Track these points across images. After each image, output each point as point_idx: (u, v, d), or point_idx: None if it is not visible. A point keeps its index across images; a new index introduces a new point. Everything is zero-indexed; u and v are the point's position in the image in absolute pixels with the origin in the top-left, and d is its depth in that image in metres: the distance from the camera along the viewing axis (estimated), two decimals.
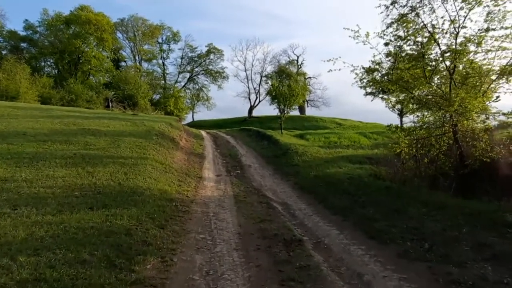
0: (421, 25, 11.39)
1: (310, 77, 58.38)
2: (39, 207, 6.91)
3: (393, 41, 10.92)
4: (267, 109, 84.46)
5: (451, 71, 11.46)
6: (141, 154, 13.63)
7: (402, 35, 10.76)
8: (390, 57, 12.22)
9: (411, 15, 11.17)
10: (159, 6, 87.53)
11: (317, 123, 44.74)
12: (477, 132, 11.05)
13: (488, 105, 10.40)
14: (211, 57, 60.76)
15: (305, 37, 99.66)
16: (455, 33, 11.25)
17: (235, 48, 67.95)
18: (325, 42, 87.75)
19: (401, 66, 11.41)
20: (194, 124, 51.16)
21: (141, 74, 52.43)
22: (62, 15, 47.14)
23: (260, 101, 57.93)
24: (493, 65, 11.50)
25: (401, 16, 11.07)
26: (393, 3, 11.19)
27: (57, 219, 6.23)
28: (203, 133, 29.84)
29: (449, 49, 10.53)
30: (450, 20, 11.19)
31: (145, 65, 58.33)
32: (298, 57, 58.75)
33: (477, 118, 10.68)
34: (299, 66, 58.99)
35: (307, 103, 57.88)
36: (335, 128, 41.11)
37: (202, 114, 67.16)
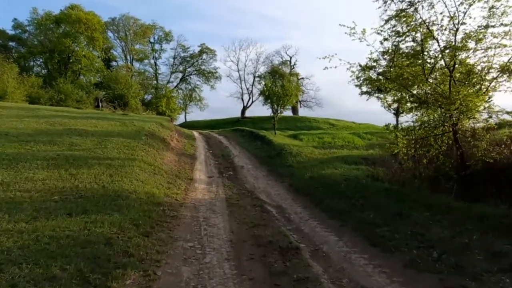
0: (419, 21, 11.01)
1: (303, 78, 58.02)
2: (12, 213, 6.32)
3: (392, 37, 10.50)
4: (260, 110, 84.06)
5: (451, 68, 11.08)
6: (129, 155, 13.04)
7: (401, 30, 10.32)
8: (386, 55, 11.82)
9: (409, 10, 10.76)
10: (151, 7, 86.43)
11: (310, 124, 44.35)
12: (478, 131, 10.66)
13: (491, 104, 10.01)
14: (204, 57, 59.98)
15: (297, 38, 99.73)
16: (454, 29, 10.88)
17: (228, 48, 67.39)
18: (317, 43, 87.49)
19: (399, 63, 10.97)
20: (186, 124, 50.42)
21: (133, 73, 51.57)
22: (52, 14, 46.15)
23: (253, 102, 57.40)
24: (493, 63, 11.17)
25: (399, 11, 10.64)
26: None
27: (30, 227, 5.65)
28: (195, 133, 29.24)
29: (449, 46, 10.11)
30: (449, 16, 10.81)
31: (136, 65, 57.39)
32: (291, 57, 58.31)
33: (480, 117, 10.28)
34: (292, 66, 58.56)
35: (300, 103, 57.47)
36: (328, 128, 40.74)
37: (194, 114, 66.39)
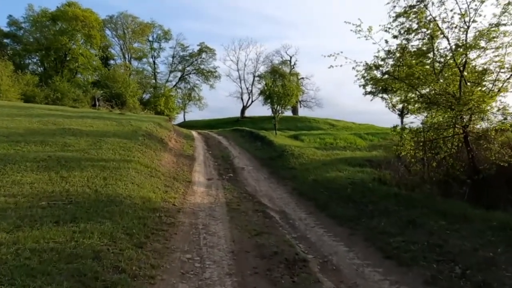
0: (429, 18, 10.52)
1: (303, 78, 57.52)
2: None
3: (402, 34, 10.00)
4: (260, 110, 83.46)
5: (461, 68, 10.59)
6: (125, 156, 12.49)
7: (413, 26, 9.81)
8: (391, 54, 11.32)
9: (419, 6, 10.27)
10: (150, 5, 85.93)
11: (310, 124, 43.94)
12: (490, 133, 10.17)
13: (506, 105, 9.53)
14: (203, 56, 59.38)
15: (296, 38, 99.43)
16: (465, 27, 10.40)
17: (227, 47, 66.79)
18: (316, 44, 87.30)
19: (408, 62, 10.47)
20: (185, 124, 49.85)
21: (131, 72, 50.95)
22: (48, 11, 45.46)
23: (252, 101, 56.85)
24: (504, 62, 10.70)
25: (409, 7, 10.14)
26: None
27: (10, 238, 5.11)
28: (194, 133, 28.69)
29: (462, 44, 9.61)
30: (460, 13, 10.33)
31: (135, 63, 56.74)
32: (291, 57, 57.80)
33: (494, 118, 9.80)
34: (292, 66, 58.05)
35: (300, 103, 57.02)
36: (328, 129, 40.34)
37: (193, 114, 65.64)
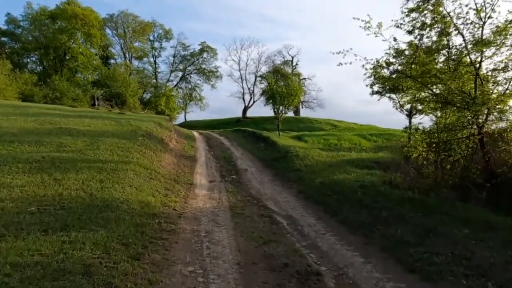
0: (443, 13, 9.99)
1: (304, 78, 57.00)
2: None
3: (417, 28, 9.46)
4: (261, 110, 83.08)
5: (477, 65, 10.06)
6: (123, 157, 11.96)
7: (427, 22, 9.27)
8: (404, 51, 10.79)
9: (433, 0, 9.74)
10: (151, 6, 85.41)
11: (312, 125, 43.44)
12: (509, 134, 9.64)
13: None
14: (204, 56, 58.90)
15: (297, 39, 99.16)
16: (481, 23, 9.87)
17: (229, 47, 66.28)
18: (317, 45, 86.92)
19: (422, 59, 9.93)
20: (186, 124, 49.35)
21: (131, 72, 50.43)
22: (47, 9, 45.01)
23: (254, 102, 56.33)
24: None
25: (423, 1, 9.61)
26: None
27: None
28: (196, 133, 28.17)
29: (480, 40, 9.07)
30: (476, 8, 9.79)
31: (135, 63, 56.27)
32: (293, 57, 57.32)
33: None
34: (294, 66, 57.58)
35: (302, 104, 56.51)
36: (331, 129, 39.78)
37: (194, 114, 65.22)
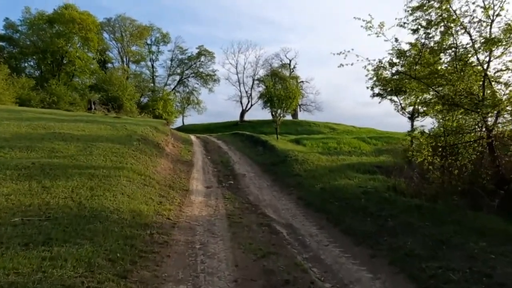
0: (449, 11, 9.61)
1: (302, 81, 56.68)
2: None
3: (422, 27, 9.07)
4: (259, 114, 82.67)
5: (485, 65, 9.68)
6: (117, 163, 11.52)
7: (433, 19, 8.87)
8: (408, 51, 10.41)
9: None
10: (148, 9, 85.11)
11: (310, 128, 43.06)
12: None
13: None
14: (202, 59, 58.53)
15: (295, 42, 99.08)
16: (489, 21, 9.50)
17: (226, 50, 65.56)
18: (315, 48, 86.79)
19: (427, 59, 9.54)
20: (184, 128, 48.95)
21: (128, 75, 50.05)
22: (45, 13, 44.73)
23: (252, 105, 55.89)
24: None
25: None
26: None
27: None
28: (193, 137, 27.73)
29: (490, 39, 8.68)
30: (483, 6, 9.42)
31: (133, 67, 55.85)
32: (290, 60, 57.09)
33: None
34: (292, 69, 57.32)
35: (300, 107, 56.22)
36: (329, 132, 39.42)
37: (192, 118, 64.43)
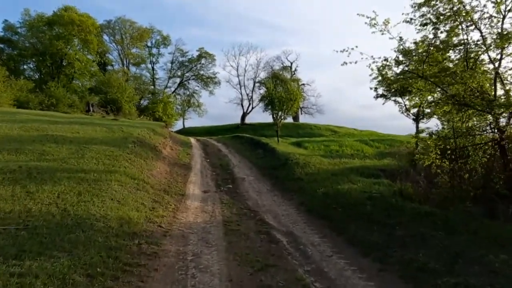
0: (458, 6, 9.09)
1: (303, 84, 56.19)
2: None
3: (430, 23, 8.54)
4: (260, 116, 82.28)
5: (496, 63, 9.15)
6: (110, 166, 11.01)
7: (443, 11, 8.33)
8: (416, 48, 9.88)
9: None
10: (149, 12, 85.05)
11: (311, 131, 42.60)
12: None
13: None
14: (203, 62, 58.16)
15: (295, 45, 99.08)
16: (500, 17, 8.98)
17: (227, 53, 65.16)
18: (315, 51, 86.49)
19: (435, 56, 9.01)
20: (184, 131, 48.49)
21: (128, 78, 49.67)
22: (44, 16, 44.43)
23: (253, 108, 55.40)
24: None
25: None
26: None
27: None
28: (193, 140, 27.22)
29: (503, 34, 8.15)
30: (495, 1, 8.90)
31: (133, 69, 55.51)
32: (291, 63, 56.73)
33: None
34: (293, 72, 56.83)
35: (301, 110, 55.75)
36: (331, 135, 38.94)
37: (193, 121, 64.15)
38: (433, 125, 15.12)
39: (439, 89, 9.73)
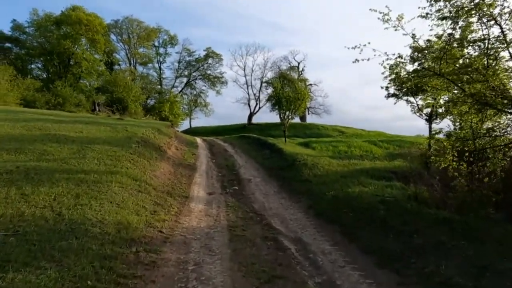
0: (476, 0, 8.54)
1: (311, 84, 55.61)
2: None
3: (451, 15, 7.99)
4: (267, 116, 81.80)
5: None
6: (111, 167, 10.63)
7: (464, 6, 7.79)
8: (426, 48, 9.33)
9: None
10: (156, 13, 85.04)
11: (319, 131, 42.10)
12: None
13: None
14: (210, 61, 57.89)
15: (303, 45, 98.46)
16: None
17: (234, 52, 64.72)
18: (321, 52, 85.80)
19: (455, 52, 8.48)
20: (191, 131, 48.24)
21: (135, 77, 49.55)
22: (52, 15, 44.49)
23: (260, 108, 55.02)
24: None
25: None
26: None
27: None
28: (199, 140, 26.85)
29: None
30: None
31: (140, 68, 55.42)
32: (299, 63, 56.21)
33: None
34: (300, 72, 56.27)
35: (308, 110, 55.20)
36: (338, 136, 38.34)
37: (199, 120, 63.85)
38: (445, 125, 14.59)
39: (456, 88, 9.18)
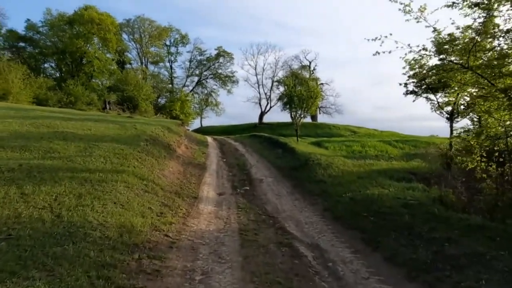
0: None
1: (322, 83, 54.76)
2: None
3: (483, 2, 7.33)
4: (278, 116, 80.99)
5: None
6: (118, 165, 10.21)
7: None
8: (454, 39, 8.64)
9: None
10: (168, 13, 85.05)
11: (330, 131, 41.42)
12: None
13: None
14: (221, 60, 57.61)
15: (314, 45, 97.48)
16: None
17: (245, 52, 64.34)
18: (333, 52, 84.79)
19: (483, 44, 7.81)
20: (202, 130, 48.00)
21: (146, 76, 49.50)
22: (65, 15, 44.74)
23: (271, 107, 54.46)
24: None
25: None
26: None
27: None
28: (209, 139, 26.44)
29: None
30: None
31: (151, 67, 55.45)
32: (310, 62, 55.47)
33: None
34: (312, 71, 55.50)
35: (320, 109, 54.43)
36: (350, 136, 37.62)
37: (210, 120, 63.59)
38: (465, 125, 13.83)
39: (486, 83, 8.47)
